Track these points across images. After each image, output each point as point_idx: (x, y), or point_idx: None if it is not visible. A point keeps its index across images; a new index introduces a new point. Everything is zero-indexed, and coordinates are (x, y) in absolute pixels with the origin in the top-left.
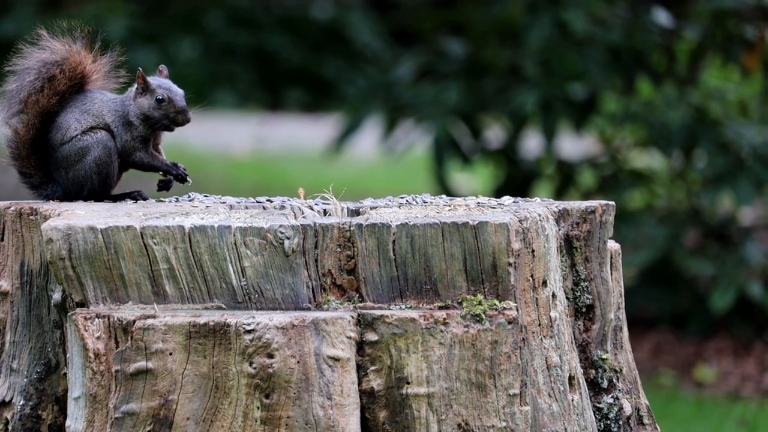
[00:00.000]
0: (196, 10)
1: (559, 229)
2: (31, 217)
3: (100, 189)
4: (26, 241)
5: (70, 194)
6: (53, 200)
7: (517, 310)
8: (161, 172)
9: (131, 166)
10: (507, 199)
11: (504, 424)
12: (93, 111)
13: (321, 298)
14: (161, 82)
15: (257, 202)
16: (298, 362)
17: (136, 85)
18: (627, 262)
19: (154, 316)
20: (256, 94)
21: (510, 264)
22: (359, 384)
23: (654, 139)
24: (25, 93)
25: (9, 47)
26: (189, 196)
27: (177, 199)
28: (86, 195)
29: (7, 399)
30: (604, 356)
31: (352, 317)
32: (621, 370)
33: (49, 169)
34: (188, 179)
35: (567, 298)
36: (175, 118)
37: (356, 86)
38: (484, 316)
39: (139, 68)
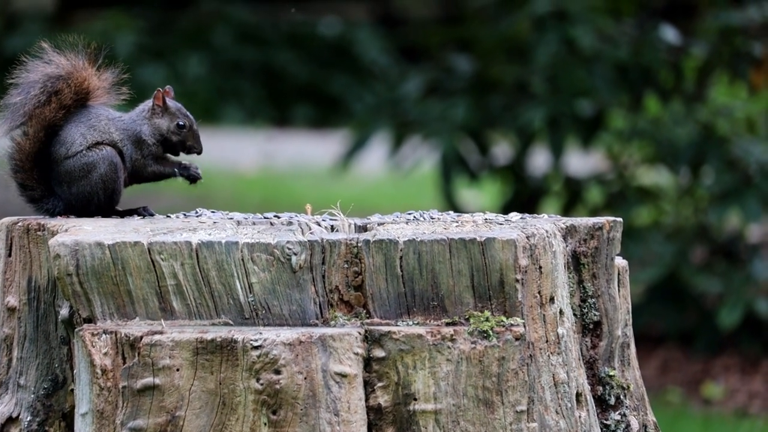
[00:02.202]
0: (204, 26)
1: (567, 246)
2: (38, 232)
3: (106, 205)
4: (34, 257)
5: (73, 209)
6: (58, 215)
7: (525, 326)
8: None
9: (144, 181)
10: (514, 216)
11: None
12: (100, 127)
13: (328, 314)
14: (179, 107)
15: (265, 218)
16: (305, 378)
17: (150, 104)
18: (634, 278)
19: (161, 332)
20: (264, 110)
21: (517, 280)
22: (366, 400)
23: (661, 156)
24: (31, 106)
25: (18, 63)
26: (196, 212)
27: (184, 214)
28: (93, 210)
29: (15, 415)
30: (611, 373)
31: (360, 333)
32: (628, 387)
33: (50, 183)
34: (200, 178)
35: (574, 314)
36: (191, 147)
37: (363, 102)
38: (491, 333)
39: (159, 89)
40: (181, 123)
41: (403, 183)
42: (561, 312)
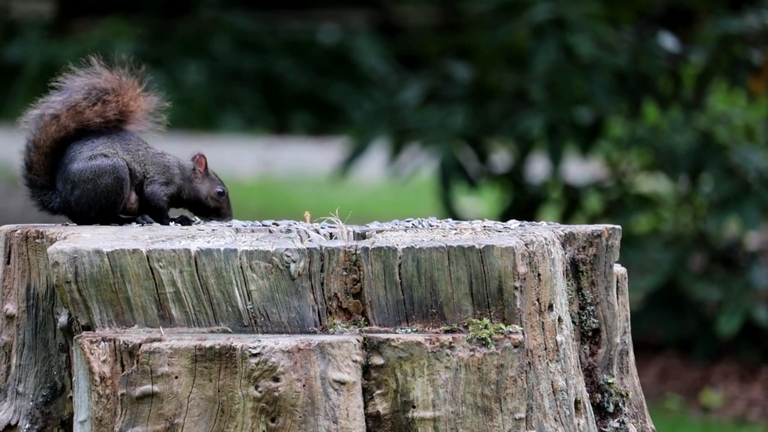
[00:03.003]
0: (203, 34)
1: (566, 253)
2: (37, 240)
3: (105, 214)
4: (32, 265)
5: (68, 210)
6: (50, 210)
7: (523, 333)
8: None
9: (146, 204)
10: (513, 223)
11: None
12: (134, 152)
13: (327, 321)
14: (215, 173)
15: (263, 225)
16: (303, 386)
17: (191, 166)
18: (633, 286)
19: (160, 340)
20: (262, 117)
21: (516, 288)
22: (365, 408)
23: (660, 164)
24: (74, 101)
25: (17, 71)
26: (195, 219)
27: (183, 222)
28: (92, 217)
29: (13, 422)
30: (610, 380)
31: (358, 341)
32: (627, 395)
33: (55, 177)
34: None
35: (573, 322)
36: (225, 214)
37: (362, 110)
38: (490, 340)
39: (202, 154)
40: (220, 190)
41: (402, 190)
42: (560, 319)
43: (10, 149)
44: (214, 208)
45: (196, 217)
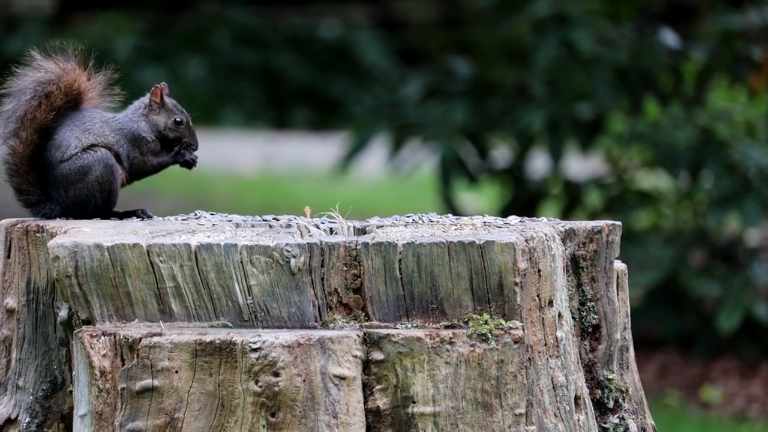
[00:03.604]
0: (203, 29)
1: (566, 249)
2: (37, 234)
3: (103, 207)
4: (33, 259)
5: (70, 212)
6: (59, 218)
7: (524, 329)
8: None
9: (145, 176)
10: (513, 219)
11: None
12: (94, 130)
13: (327, 316)
14: (175, 103)
15: (264, 220)
16: (303, 381)
17: (147, 101)
18: (633, 282)
19: (160, 334)
20: (263, 112)
21: (516, 283)
22: (365, 403)
23: (661, 160)
24: (22, 111)
25: (17, 65)
26: (195, 214)
27: (184, 217)
28: (91, 213)
29: (13, 416)
30: (610, 376)
31: (358, 336)
32: (627, 391)
33: (47, 188)
34: (195, 164)
35: (573, 317)
36: (187, 143)
37: (363, 105)
38: (490, 336)
39: (157, 85)
40: (178, 119)
41: (403, 186)
42: (560, 315)
43: None
44: (175, 139)
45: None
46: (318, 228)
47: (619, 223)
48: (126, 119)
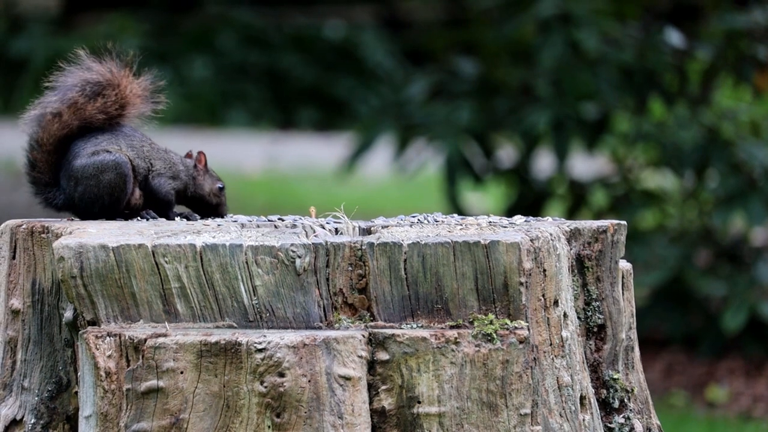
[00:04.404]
0: (209, 29)
1: (571, 249)
2: (42, 235)
3: (109, 210)
4: (38, 260)
5: (72, 206)
6: (53, 207)
7: (529, 329)
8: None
9: (160, 203)
10: (519, 219)
11: None
12: (138, 148)
13: (332, 317)
14: (213, 170)
15: (269, 220)
16: (309, 381)
17: (192, 163)
18: (638, 282)
19: (165, 335)
20: (268, 113)
21: (521, 283)
22: (370, 403)
23: (666, 159)
24: (72, 96)
25: (22, 65)
26: (196, 217)
27: (188, 217)
28: (96, 213)
29: (18, 417)
30: (615, 376)
31: (364, 336)
32: (632, 390)
33: (59, 173)
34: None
35: (578, 317)
36: (221, 212)
37: (368, 105)
38: (495, 336)
39: (202, 151)
40: (221, 186)
41: (408, 186)
42: (565, 315)
43: (16, 144)
44: (216, 205)
45: (197, 215)
46: (323, 228)
47: (624, 222)
48: (175, 160)
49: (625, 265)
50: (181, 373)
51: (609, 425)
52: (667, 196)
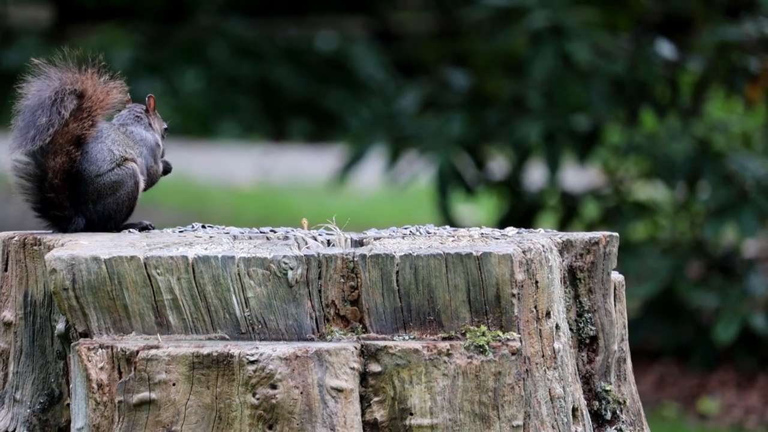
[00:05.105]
0: (200, 41)
1: (563, 261)
2: (34, 247)
3: (123, 221)
4: (30, 272)
5: (93, 226)
6: (73, 231)
7: (521, 341)
8: None
9: (153, 185)
10: (510, 230)
11: None
12: (120, 141)
13: (324, 328)
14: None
15: (261, 232)
16: (301, 393)
17: (140, 110)
18: (630, 293)
19: (157, 347)
20: (260, 124)
21: (513, 295)
22: (362, 415)
23: (657, 171)
24: (58, 124)
25: (13, 78)
26: (192, 227)
27: (180, 229)
28: (111, 227)
29: (10, 430)
30: (607, 388)
31: (356, 348)
32: (624, 402)
33: (75, 202)
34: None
35: (570, 329)
36: (164, 149)
37: (360, 117)
38: (487, 348)
39: (152, 96)
40: (166, 126)
41: (400, 197)
42: (557, 327)
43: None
44: (163, 146)
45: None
46: (315, 240)
47: (616, 234)
48: (142, 130)
49: (617, 276)
50: (173, 385)
51: None
52: (659, 207)
